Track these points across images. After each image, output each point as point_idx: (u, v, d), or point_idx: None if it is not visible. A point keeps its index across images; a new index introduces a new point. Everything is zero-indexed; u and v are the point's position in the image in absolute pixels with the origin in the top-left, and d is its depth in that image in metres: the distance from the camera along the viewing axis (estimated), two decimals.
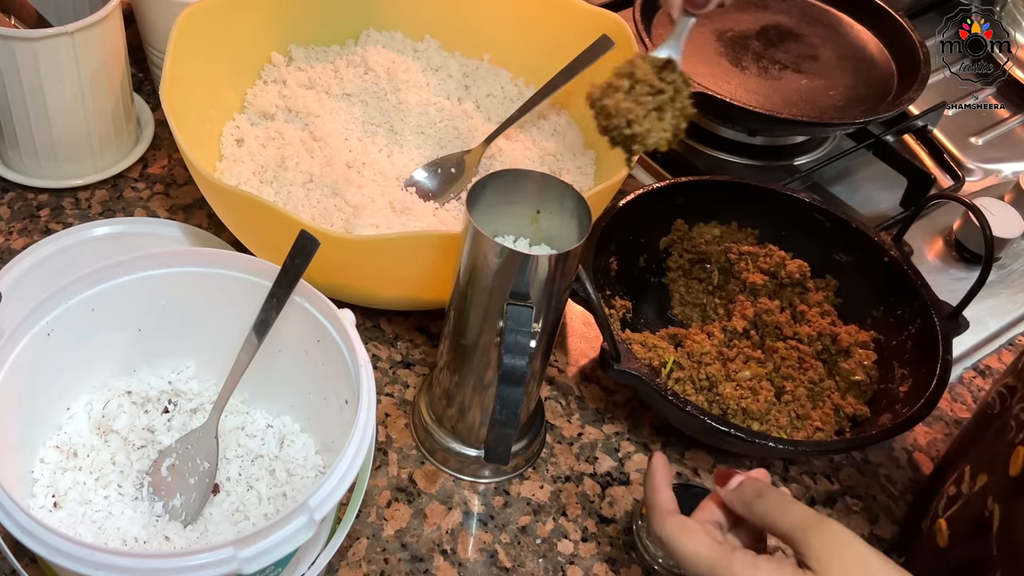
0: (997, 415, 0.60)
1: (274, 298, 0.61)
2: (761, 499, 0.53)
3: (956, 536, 0.59)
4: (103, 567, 0.47)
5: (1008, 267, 0.98)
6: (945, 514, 0.62)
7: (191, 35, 0.78)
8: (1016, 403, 0.58)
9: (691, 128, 1.04)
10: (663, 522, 0.54)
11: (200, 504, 0.61)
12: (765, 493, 0.53)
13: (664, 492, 0.57)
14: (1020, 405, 0.57)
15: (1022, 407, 0.57)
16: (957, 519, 0.60)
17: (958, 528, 0.60)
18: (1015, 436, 0.56)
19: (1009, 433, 0.57)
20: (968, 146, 1.10)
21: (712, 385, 0.74)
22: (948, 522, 0.61)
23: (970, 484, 0.60)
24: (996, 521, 0.54)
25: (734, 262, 0.83)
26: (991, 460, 0.58)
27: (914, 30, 1.04)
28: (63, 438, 0.63)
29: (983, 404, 0.65)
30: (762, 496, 0.53)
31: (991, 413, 0.61)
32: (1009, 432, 0.57)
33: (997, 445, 0.58)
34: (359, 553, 0.66)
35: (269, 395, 0.67)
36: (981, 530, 0.55)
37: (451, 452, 0.71)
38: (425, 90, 0.91)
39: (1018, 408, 0.57)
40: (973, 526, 0.57)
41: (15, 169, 0.87)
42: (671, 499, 0.56)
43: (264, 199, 0.68)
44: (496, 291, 0.60)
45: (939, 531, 0.61)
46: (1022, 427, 0.56)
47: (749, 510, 0.53)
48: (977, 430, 0.65)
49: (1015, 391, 0.59)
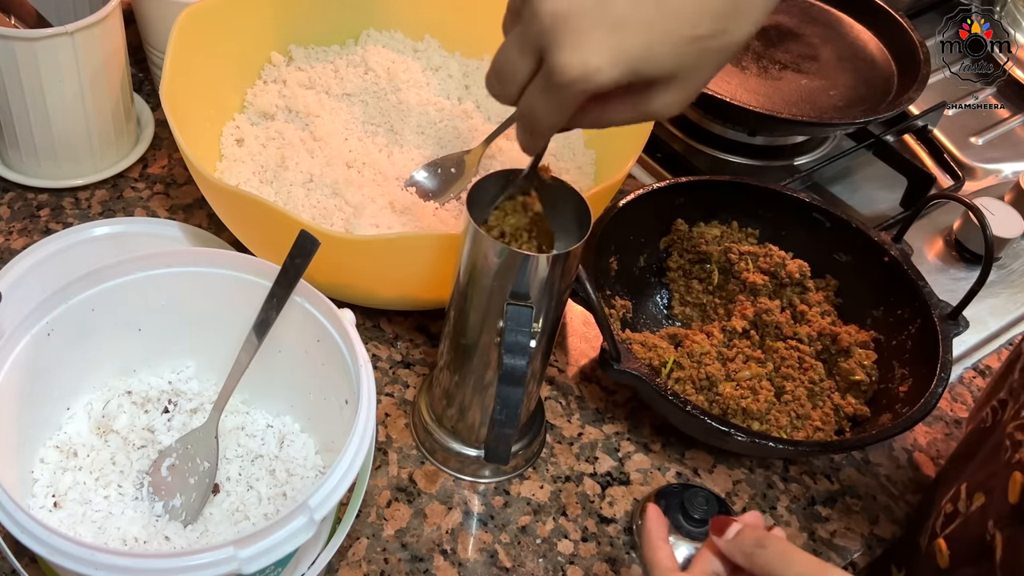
0: (990, 430, 0.60)
1: (274, 298, 0.61)
2: (762, 549, 0.51)
3: (957, 558, 0.59)
4: (103, 567, 0.47)
5: (1008, 267, 0.98)
6: (943, 533, 0.61)
7: (191, 35, 0.78)
8: (1010, 419, 0.57)
9: (691, 128, 1.05)
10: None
11: (200, 504, 0.61)
12: (765, 543, 0.51)
13: (663, 549, 0.55)
14: (1014, 423, 0.57)
15: (1016, 424, 0.56)
16: (957, 540, 0.59)
17: (959, 550, 0.59)
18: (1011, 456, 0.55)
19: (1004, 453, 0.56)
20: (968, 146, 1.10)
21: (712, 385, 0.74)
22: (948, 542, 0.60)
23: (967, 503, 0.59)
24: (999, 548, 0.53)
25: (734, 262, 0.83)
26: (987, 480, 0.57)
27: (914, 30, 1.04)
28: (63, 438, 0.63)
29: (976, 419, 0.64)
30: (763, 546, 0.51)
31: (984, 428, 0.61)
32: (1004, 452, 0.56)
33: (992, 464, 0.57)
34: (359, 553, 0.67)
35: (269, 395, 0.67)
36: (983, 555, 0.55)
37: (451, 452, 0.71)
38: (425, 90, 0.91)
39: (1012, 426, 0.56)
40: (974, 550, 0.56)
41: (15, 169, 0.87)
42: (669, 555, 0.55)
43: (264, 199, 0.68)
44: (496, 291, 0.60)
45: (939, 551, 0.60)
46: (1017, 446, 0.55)
47: (750, 561, 0.51)
48: (971, 446, 0.64)
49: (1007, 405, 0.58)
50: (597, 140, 0.88)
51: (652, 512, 0.57)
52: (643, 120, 0.54)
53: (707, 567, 0.54)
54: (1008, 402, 0.59)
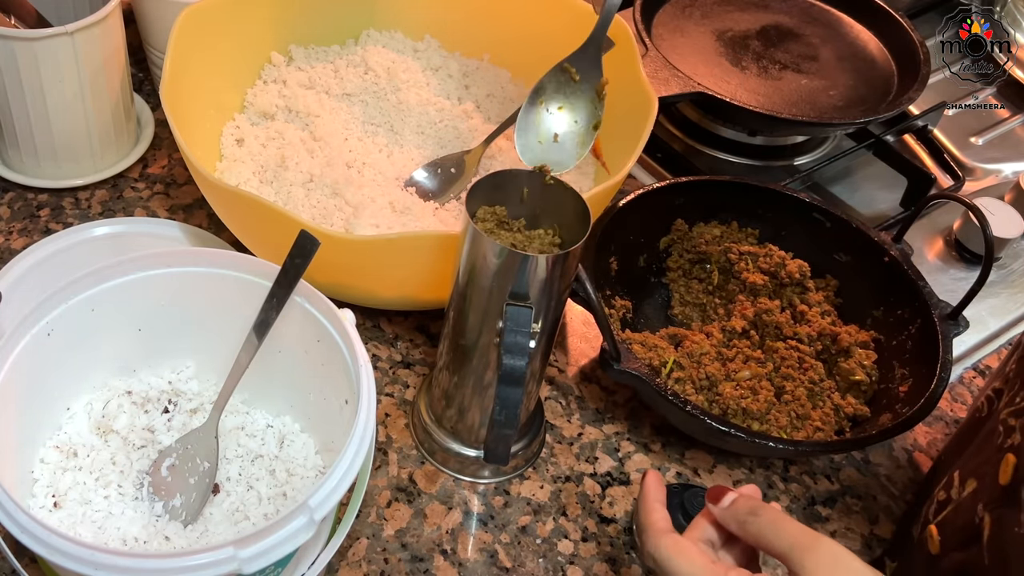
0: (985, 418, 0.60)
1: (274, 298, 0.61)
2: (755, 517, 0.52)
3: (947, 543, 0.59)
4: (103, 567, 0.47)
5: (1008, 267, 0.98)
6: (936, 520, 0.61)
7: (191, 35, 0.78)
8: (1004, 407, 0.57)
9: (691, 128, 1.05)
10: (657, 542, 0.53)
11: (200, 504, 0.61)
12: (759, 511, 0.52)
13: (658, 511, 0.56)
14: (1008, 409, 0.57)
15: (1010, 411, 0.56)
16: (948, 526, 0.60)
17: (949, 535, 0.59)
18: (1003, 441, 0.55)
19: (997, 438, 0.56)
20: (968, 146, 1.10)
21: (712, 385, 0.74)
22: (939, 528, 0.60)
23: (959, 489, 0.59)
24: (987, 530, 0.54)
25: (734, 262, 0.83)
26: (980, 465, 0.57)
27: (914, 30, 1.04)
28: (63, 438, 0.63)
29: (973, 408, 0.65)
30: (756, 514, 0.52)
31: (980, 416, 0.61)
32: (997, 437, 0.56)
33: (986, 450, 0.57)
34: (359, 553, 0.67)
35: (269, 395, 0.67)
36: (972, 538, 0.55)
37: (451, 452, 0.71)
38: (425, 90, 0.91)
39: (1006, 412, 0.57)
40: (964, 534, 0.56)
41: (15, 169, 0.87)
42: (665, 518, 0.55)
43: (264, 199, 0.68)
44: (495, 291, 0.60)
45: (930, 538, 0.61)
46: (1010, 431, 0.55)
47: (743, 529, 0.53)
48: (966, 434, 0.65)
49: (1002, 394, 0.59)
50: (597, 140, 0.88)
51: (651, 477, 0.59)
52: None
53: (702, 534, 0.55)
54: (1003, 391, 0.59)
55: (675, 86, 0.91)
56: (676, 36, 1.03)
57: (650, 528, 0.55)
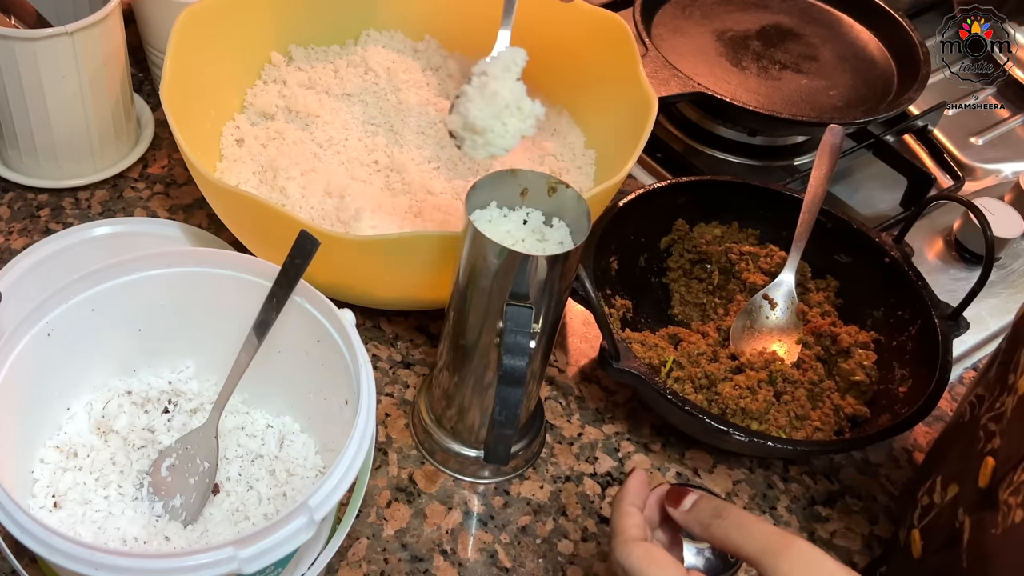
0: (967, 424, 0.60)
1: (274, 298, 0.61)
2: (720, 520, 0.50)
3: (929, 547, 0.59)
4: (103, 567, 0.47)
5: (1008, 267, 0.98)
6: (919, 525, 0.61)
7: (191, 35, 0.78)
8: (984, 412, 0.57)
9: (691, 128, 1.05)
10: (628, 550, 0.50)
11: (200, 504, 0.61)
12: (723, 513, 0.50)
13: (632, 516, 0.52)
14: (988, 415, 0.56)
15: (990, 416, 0.56)
16: (930, 530, 0.60)
17: (931, 539, 0.59)
18: (984, 446, 0.55)
19: (978, 443, 0.56)
20: (968, 146, 1.10)
21: (711, 384, 0.74)
22: (922, 533, 0.60)
23: (941, 494, 0.59)
24: (967, 533, 0.53)
25: (735, 262, 0.83)
26: (961, 470, 0.57)
27: (914, 30, 1.04)
28: (63, 438, 0.63)
29: (956, 413, 0.65)
30: (720, 516, 0.50)
31: (962, 422, 0.61)
32: (978, 443, 0.56)
33: (968, 455, 0.57)
34: (359, 553, 0.67)
35: (269, 395, 0.67)
36: (952, 541, 0.55)
37: (451, 453, 0.71)
38: (425, 90, 0.91)
39: (986, 418, 0.56)
40: (945, 537, 0.56)
41: (15, 169, 0.87)
42: (638, 525, 0.52)
43: (264, 199, 0.68)
44: (496, 291, 0.60)
45: (914, 542, 0.61)
46: (991, 436, 0.55)
47: (707, 532, 0.50)
48: (948, 440, 0.65)
49: (984, 400, 0.58)
50: (597, 140, 0.88)
51: (634, 477, 0.55)
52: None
53: (638, 521, 0.52)
54: (985, 397, 0.58)
55: (675, 86, 0.91)
56: (676, 36, 1.03)
57: (621, 534, 0.51)
